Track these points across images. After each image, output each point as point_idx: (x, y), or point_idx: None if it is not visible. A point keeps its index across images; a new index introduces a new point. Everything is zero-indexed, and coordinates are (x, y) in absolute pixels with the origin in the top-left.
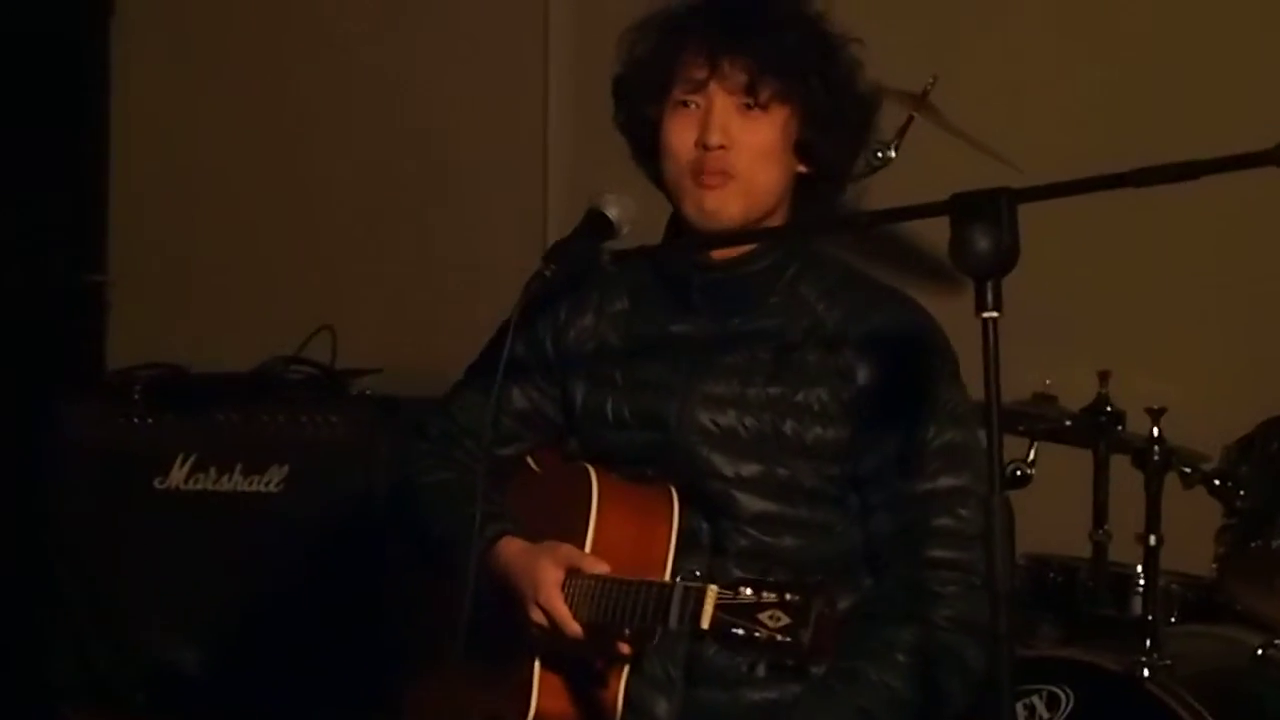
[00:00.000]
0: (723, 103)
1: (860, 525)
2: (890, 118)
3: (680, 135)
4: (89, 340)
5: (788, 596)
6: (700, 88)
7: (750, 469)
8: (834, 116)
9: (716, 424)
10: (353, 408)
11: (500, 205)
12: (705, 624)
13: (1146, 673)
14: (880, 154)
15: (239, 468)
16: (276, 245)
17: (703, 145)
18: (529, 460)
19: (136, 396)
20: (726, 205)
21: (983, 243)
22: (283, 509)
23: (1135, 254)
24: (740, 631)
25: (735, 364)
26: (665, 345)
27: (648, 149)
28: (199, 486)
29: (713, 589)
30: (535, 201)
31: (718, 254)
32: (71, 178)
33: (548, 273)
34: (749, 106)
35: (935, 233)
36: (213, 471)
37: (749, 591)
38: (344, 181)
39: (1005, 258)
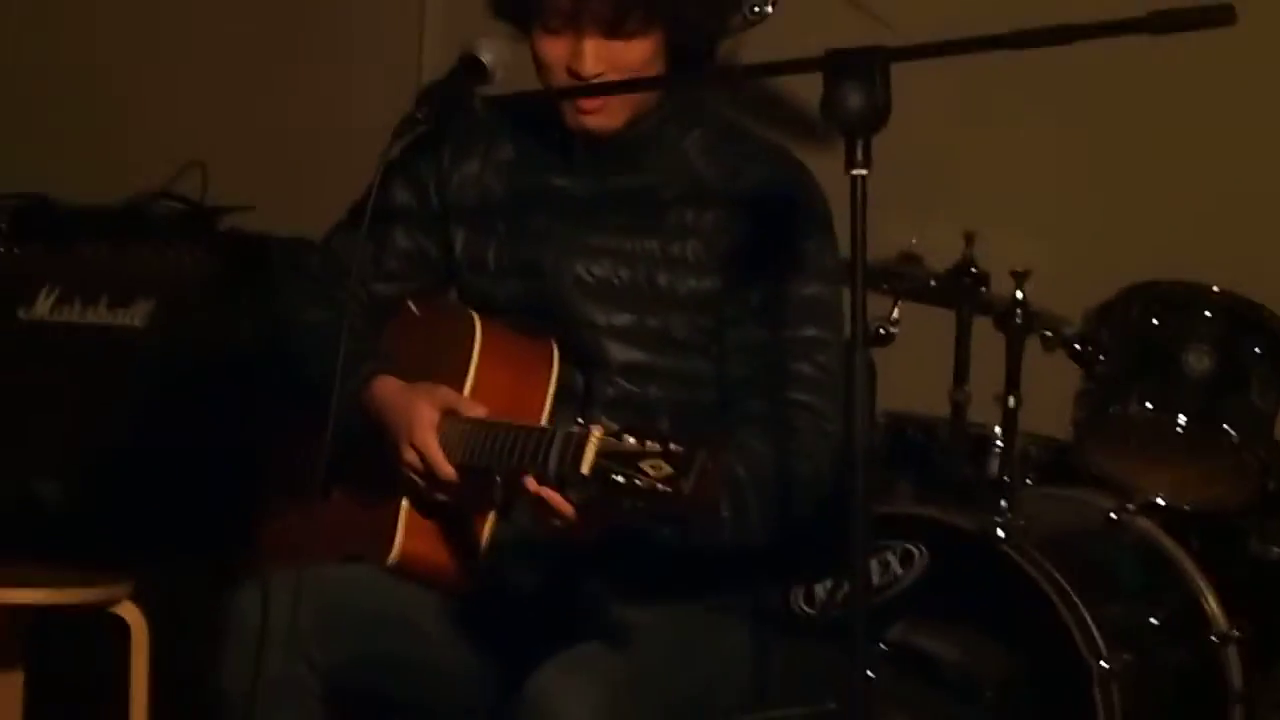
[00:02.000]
0: (593, 36)
1: (719, 371)
2: None
3: (553, 54)
4: None
5: (671, 446)
6: (567, 21)
7: (622, 319)
8: (704, 21)
9: (591, 274)
10: (221, 244)
11: (376, 44)
12: (585, 469)
13: (1000, 533)
14: (756, 9)
15: (104, 300)
16: (149, 77)
17: (574, 74)
18: (409, 304)
19: (2, 226)
20: (609, 123)
21: (855, 100)
22: (147, 343)
23: (1004, 116)
24: (620, 479)
25: (613, 218)
26: (547, 197)
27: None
28: (63, 318)
29: (596, 433)
30: (411, 41)
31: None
32: None
33: (419, 115)
34: (622, 36)
35: (809, 89)
36: (77, 304)
37: (632, 440)
38: (221, 14)
39: (877, 116)
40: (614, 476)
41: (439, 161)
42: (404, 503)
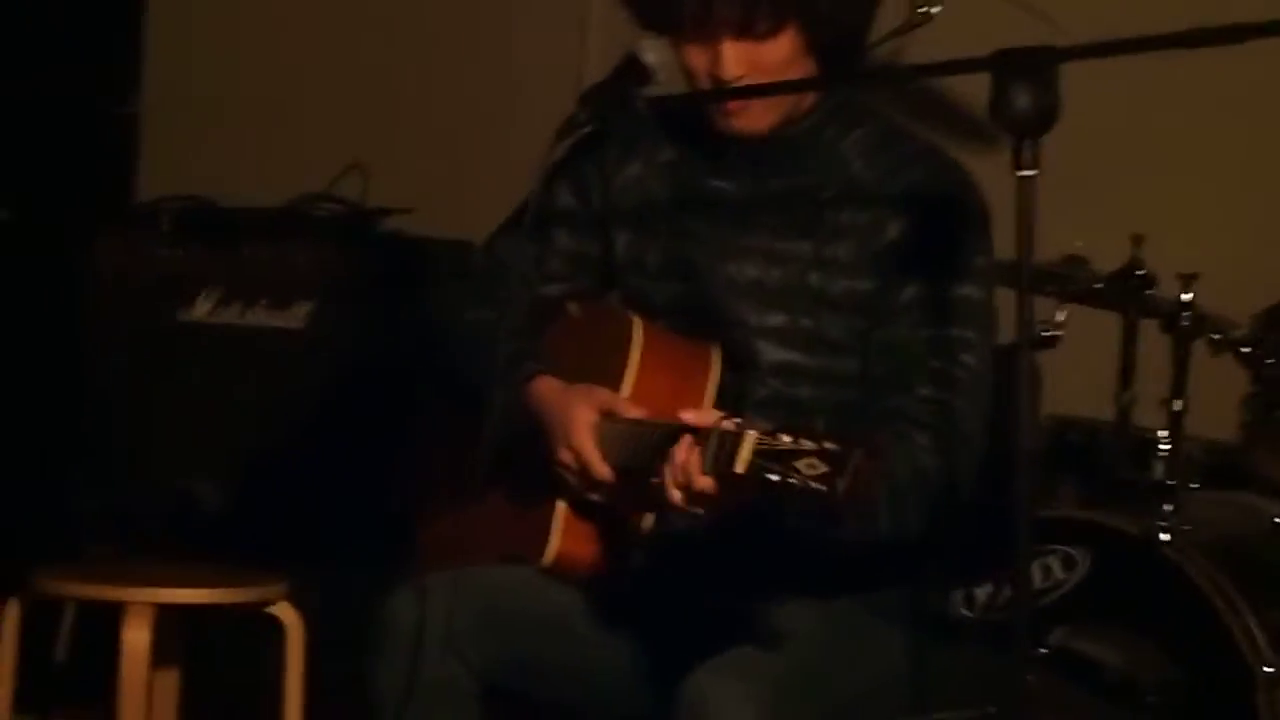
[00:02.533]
0: (729, 42)
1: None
2: None
3: (695, 62)
4: (121, 170)
5: (826, 445)
6: (701, 25)
7: (775, 319)
8: (841, 17)
9: (744, 274)
10: (381, 246)
11: (537, 46)
12: (740, 468)
13: (1164, 536)
14: (923, 9)
15: (264, 302)
16: (310, 80)
17: (718, 79)
18: (571, 307)
19: (164, 227)
20: (756, 125)
21: (1024, 100)
22: (306, 345)
23: (1173, 118)
24: (775, 477)
25: (768, 219)
26: (705, 199)
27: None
28: (223, 320)
29: (751, 433)
30: (573, 42)
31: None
32: (107, 5)
33: (582, 116)
34: (757, 36)
35: (976, 89)
36: (237, 306)
37: (787, 438)
38: (382, 17)
39: (1045, 116)
40: (769, 475)
41: (602, 163)
42: (560, 503)
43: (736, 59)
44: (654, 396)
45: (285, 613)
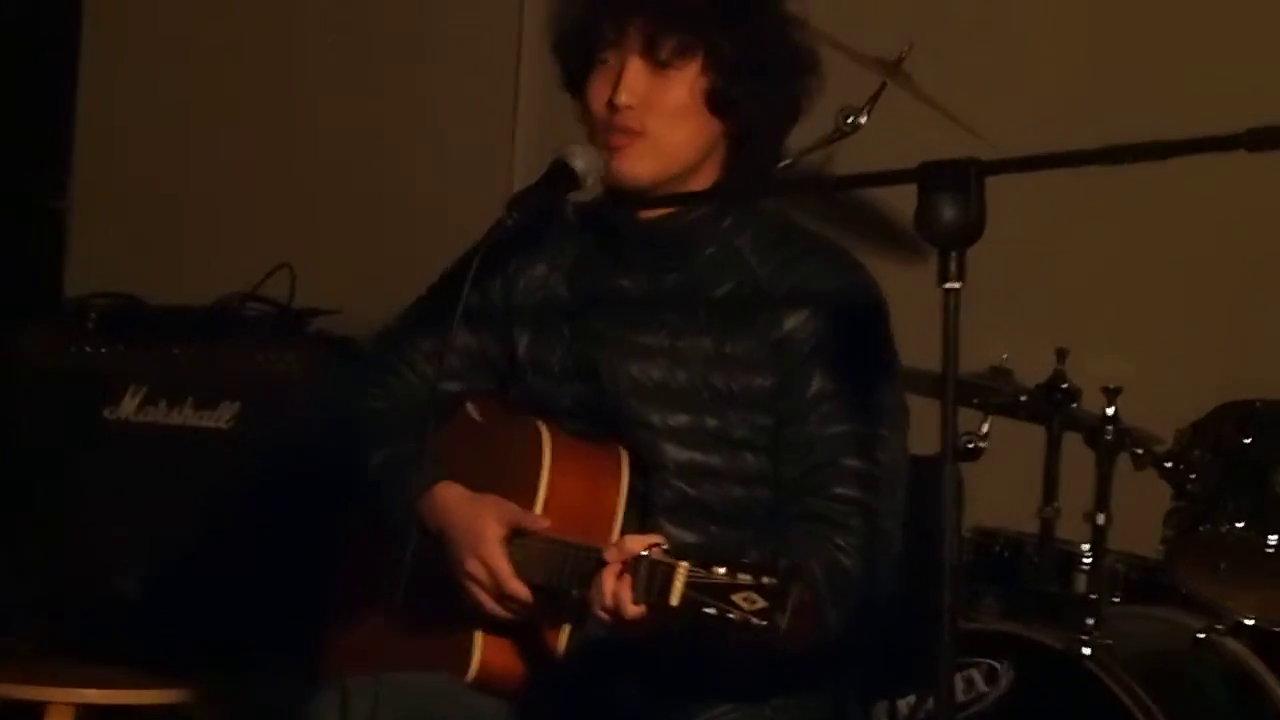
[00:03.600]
0: (634, 62)
1: (775, 468)
2: (864, 85)
3: (597, 94)
4: (48, 267)
5: (764, 580)
6: (613, 45)
7: (679, 419)
8: (747, 70)
9: (649, 376)
10: (307, 347)
11: (466, 150)
12: (674, 600)
13: (1087, 651)
14: (850, 119)
15: (190, 401)
16: (239, 182)
17: (611, 105)
18: (469, 408)
19: (91, 324)
20: (635, 167)
21: (949, 213)
22: (232, 445)
23: (1098, 233)
24: (712, 611)
25: (668, 317)
26: (605, 298)
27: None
28: (149, 418)
29: (683, 566)
30: (502, 149)
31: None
32: (38, 101)
33: (509, 221)
34: (661, 65)
35: (901, 201)
36: (163, 404)
37: (722, 571)
38: (310, 121)
39: (971, 229)
40: (705, 609)
41: (506, 263)
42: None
43: (636, 80)
44: (567, 507)
45: (206, 715)
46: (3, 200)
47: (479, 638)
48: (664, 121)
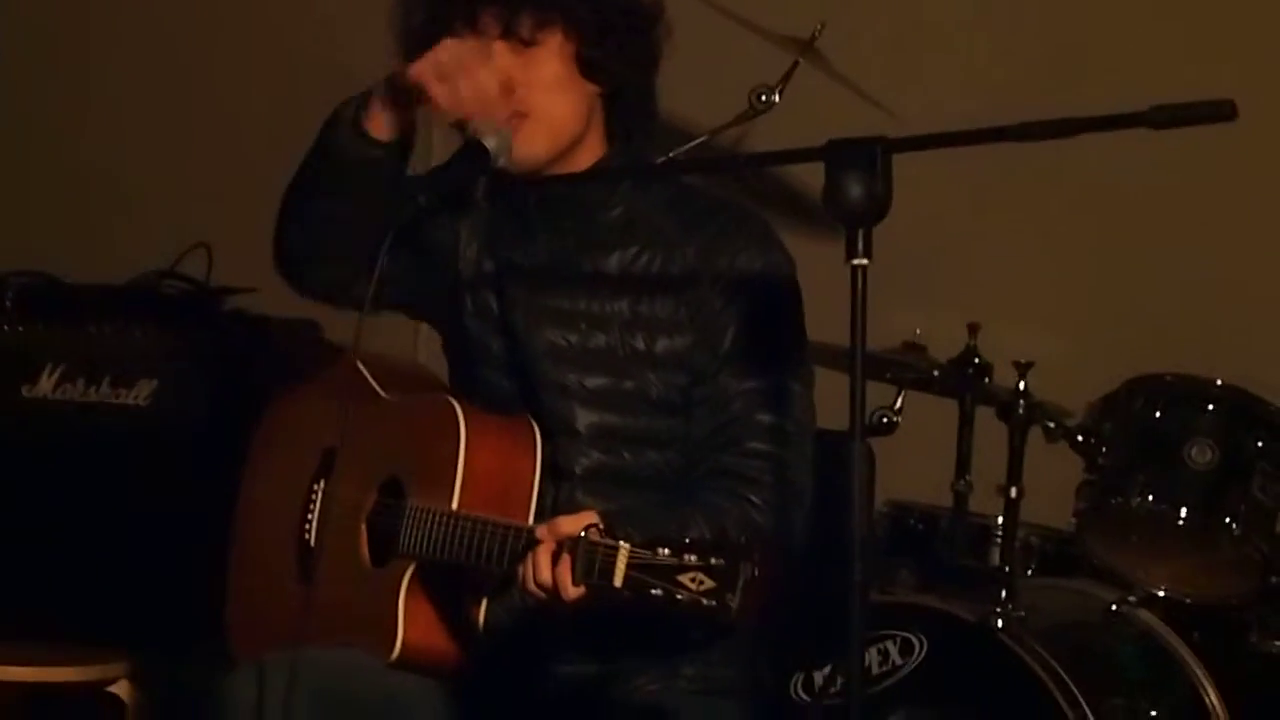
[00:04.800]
0: (498, 46)
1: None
2: (777, 63)
3: None
4: None
5: (712, 560)
6: (470, 35)
7: (596, 381)
8: (607, 29)
9: (565, 339)
10: (224, 325)
11: None
12: (618, 583)
13: (1000, 623)
14: (764, 98)
15: (107, 380)
16: (155, 160)
17: None
18: (375, 385)
19: (8, 303)
20: (529, 148)
21: (855, 190)
22: (149, 423)
23: (1009, 208)
24: (659, 593)
25: (580, 279)
26: (518, 265)
27: None
28: (67, 397)
29: (625, 548)
30: (422, 126)
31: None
32: None
33: (421, 200)
34: (524, 43)
35: (813, 176)
36: (81, 382)
37: (667, 551)
38: (227, 98)
39: (877, 206)
40: (651, 590)
41: (432, 233)
42: (401, 597)
43: (504, 67)
44: (484, 483)
45: (125, 691)
46: None
47: (402, 616)
48: (545, 96)
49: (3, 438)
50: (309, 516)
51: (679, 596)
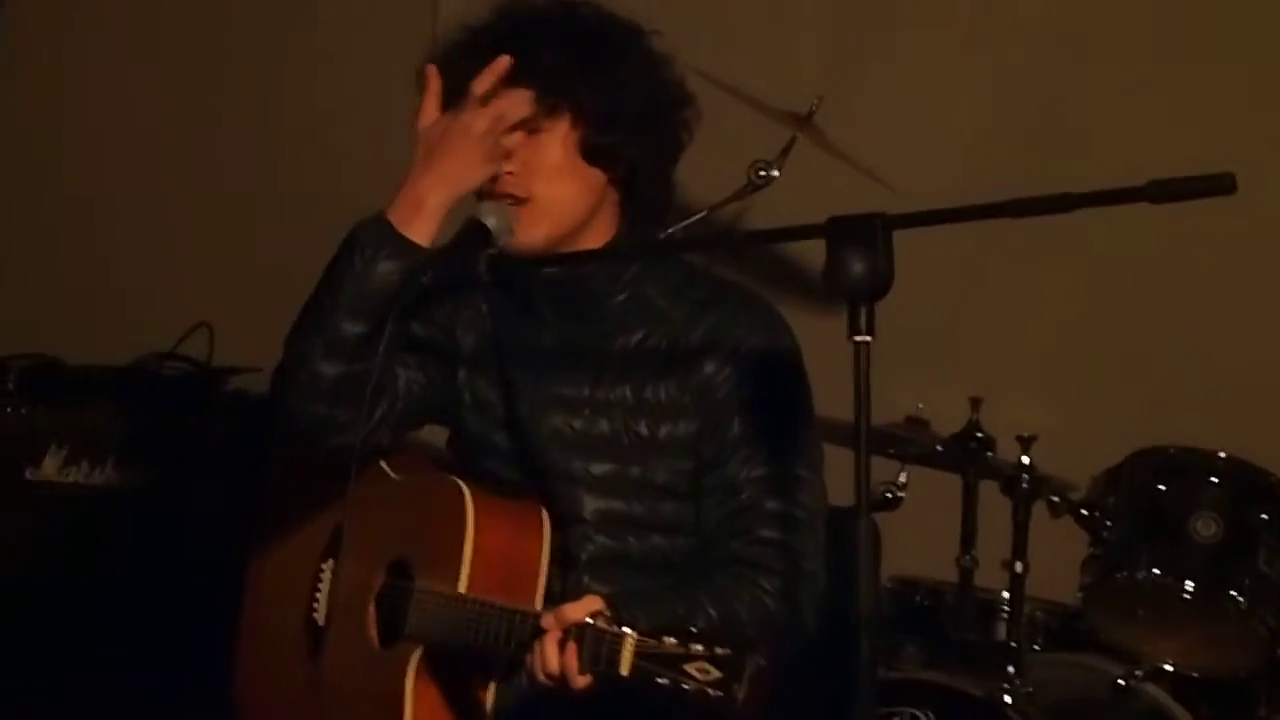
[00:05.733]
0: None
1: (697, 514)
2: (775, 138)
3: None
4: None
5: (718, 651)
6: None
7: (602, 468)
8: (615, 116)
9: (570, 426)
10: (227, 406)
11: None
12: (624, 671)
13: (1008, 699)
14: (763, 172)
15: (111, 461)
16: (156, 240)
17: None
18: (384, 467)
19: (10, 385)
20: (529, 234)
21: (857, 266)
22: (154, 504)
23: (1011, 283)
24: (665, 681)
25: (584, 366)
26: (521, 351)
27: None
28: (70, 479)
29: (631, 637)
30: None
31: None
32: None
33: (424, 279)
34: (530, 129)
35: (814, 252)
36: (84, 465)
37: (673, 641)
38: (225, 178)
39: (878, 283)
40: (658, 679)
41: (443, 302)
42: (409, 680)
43: (509, 143)
44: (491, 567)
45: None
46: None
47: (409, 699)
48: (546, 182)
49: (6, 520)
50: (316, 595)
51: (685, 686)
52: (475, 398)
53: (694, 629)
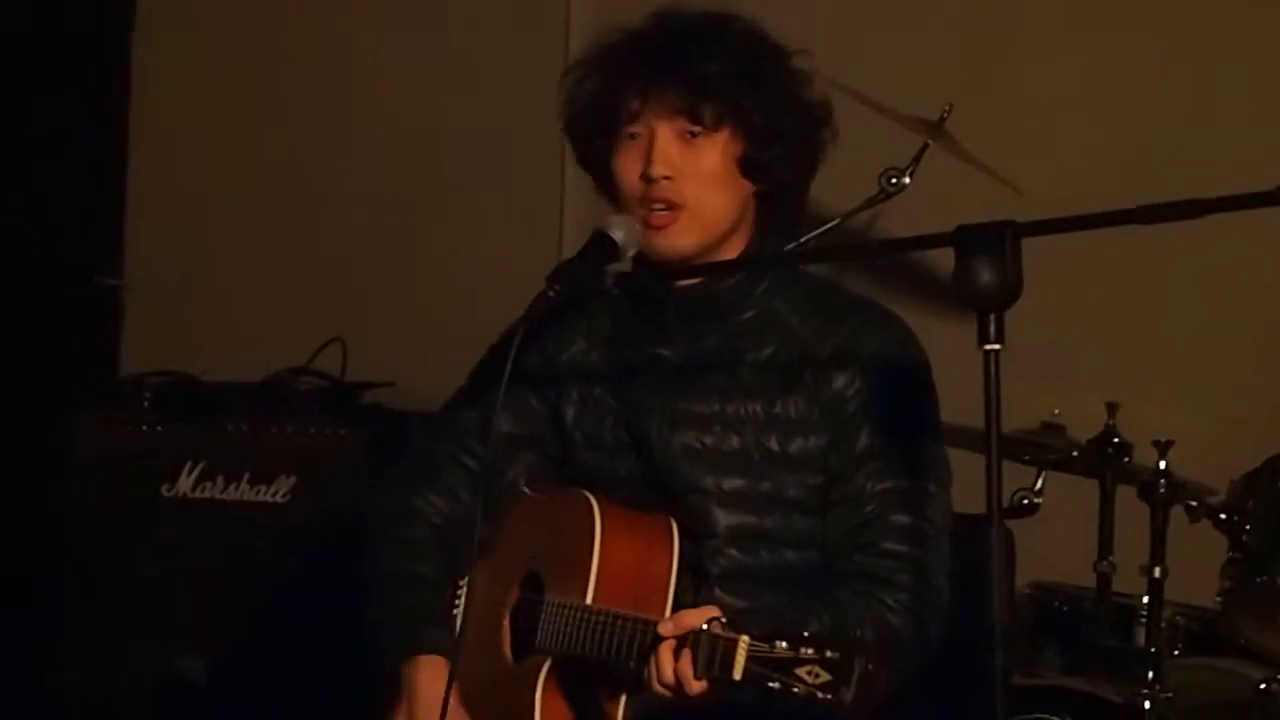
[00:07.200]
0: (664, 132)
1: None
2: (907, 145)
3: (628, 169)
4: (103, 345)
5: (828, 654)
6: (638, 118)
7: (733, 483)
8: (776, 133)
9: (701, 442)
10: (361, 420)
11: (515, 222)
12: (737, 675)
13: (1148, 705)
14: (894, 180)
15: (246, 477)
16: (291, 255)
17: (646, 177)
18: (525, 489)
19: (147, 403)
20: (679, 240)
21: (986, 276)
22: (288, 520)
23: (1147, 286)
24: (776, 685)
25: (714, 382)
26: (647, 368)
27: (608, 186)
28: (206, 495)
29: (744, 641)
30: (551, 218)
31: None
32: (90, 181)
33: (552, 293)
34: (691, 134)
35: (946, 255)
36: (220, 480)
37: (784, 645)
38: (360, 193)
39: (1007, 292)
40: (769, 683)
41: (544, 340)
42: (538, 693)
43: (670, 151)
44: (620, 578)
45: None
46: (58, 280)
47: (538, 713)
48: (702, 190)
49: (143, 536)
50: (453, 611)
51: (795, 689)
52: (587, 434)
53: (805, 633)
